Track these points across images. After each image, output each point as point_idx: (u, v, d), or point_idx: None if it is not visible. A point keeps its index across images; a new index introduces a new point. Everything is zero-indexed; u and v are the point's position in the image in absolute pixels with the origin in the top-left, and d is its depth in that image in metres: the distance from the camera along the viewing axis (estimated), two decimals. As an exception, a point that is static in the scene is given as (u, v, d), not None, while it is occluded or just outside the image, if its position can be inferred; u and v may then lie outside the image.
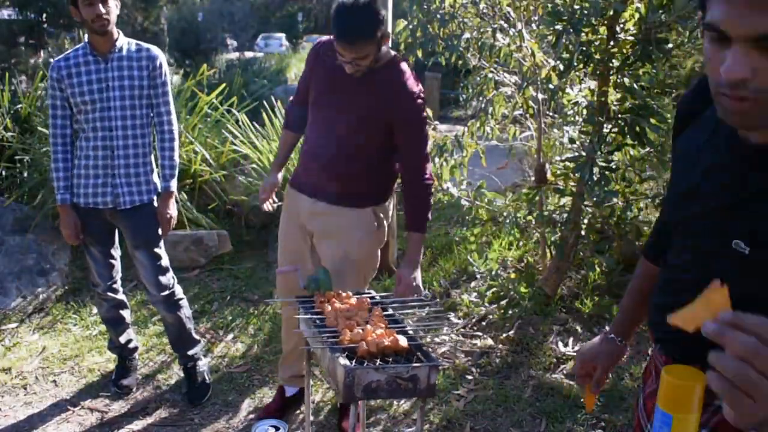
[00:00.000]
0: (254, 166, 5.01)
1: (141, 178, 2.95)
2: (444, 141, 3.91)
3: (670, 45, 3.04)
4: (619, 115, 3.23)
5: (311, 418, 2.86)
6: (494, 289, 3.80)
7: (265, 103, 5.49)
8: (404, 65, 2.57)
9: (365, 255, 2.69)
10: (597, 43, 3.16)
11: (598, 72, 3.24)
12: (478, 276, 4.12)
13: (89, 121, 2.86)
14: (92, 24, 2.77)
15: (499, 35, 3.54)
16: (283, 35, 26.57)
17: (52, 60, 3.17)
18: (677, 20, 2.86)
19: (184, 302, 3.18)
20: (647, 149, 3.34)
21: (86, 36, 2.90)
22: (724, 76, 0.93)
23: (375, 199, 2.68)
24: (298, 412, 3.02)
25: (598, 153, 3.10)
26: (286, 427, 2.55)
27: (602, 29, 3.15)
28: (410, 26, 3.86)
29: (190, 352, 3.22)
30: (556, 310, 3.67)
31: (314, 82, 2.67)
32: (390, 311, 2.18)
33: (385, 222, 2.72)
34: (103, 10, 2.77)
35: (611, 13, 3.04)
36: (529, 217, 3.76)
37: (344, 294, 2.23)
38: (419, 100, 2.53)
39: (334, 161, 2.59)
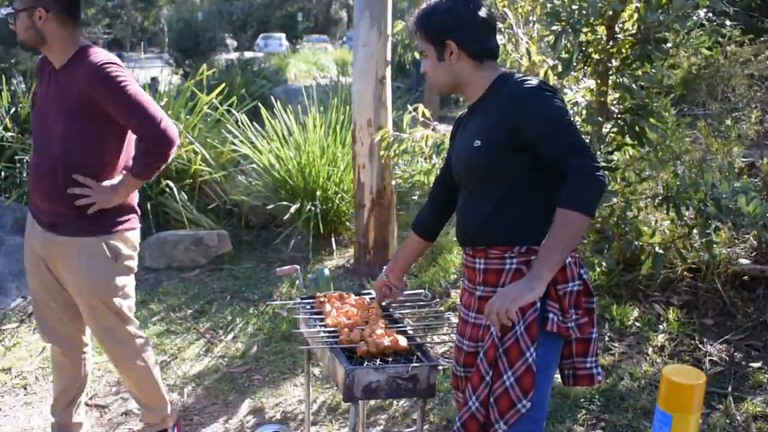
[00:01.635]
0: (254, 166, 5.02)
1: None
2: (442, 140, 3.91)
3: (669, 45, 3.04)
4: (619, 115, 3.23)
5: (311, 418, 2.86)
6: (494, 289, 3.79)
7: (264, 103, 5.50)
8: (91, 47, 2.34)
9: (102, 291, 2.38)
10: (596, 44, 3.16)
11: (597, 72, 3.25)
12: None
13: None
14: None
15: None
16: (283, 35, 26.55)
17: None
18: (676, 20, 2.87)
19: None
20: (647, 149, 3.35)
21: None
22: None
23: (99, 228, 2.35)
24: (298, 412, 3.03)
25: (598, 153, 3.11)
26: None
27: (601, 29, 3.15)
28: (408, 27, 3.85)
29: None
30: (555, 310, 3.66)
31: None
32: (390, 310, 2.19)
33: (126, 251, 2.41)
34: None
35: (610, 13, 3.04)
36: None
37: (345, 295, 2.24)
38: (107, 67, 2.26)
39: (36, 182, 2.38)
